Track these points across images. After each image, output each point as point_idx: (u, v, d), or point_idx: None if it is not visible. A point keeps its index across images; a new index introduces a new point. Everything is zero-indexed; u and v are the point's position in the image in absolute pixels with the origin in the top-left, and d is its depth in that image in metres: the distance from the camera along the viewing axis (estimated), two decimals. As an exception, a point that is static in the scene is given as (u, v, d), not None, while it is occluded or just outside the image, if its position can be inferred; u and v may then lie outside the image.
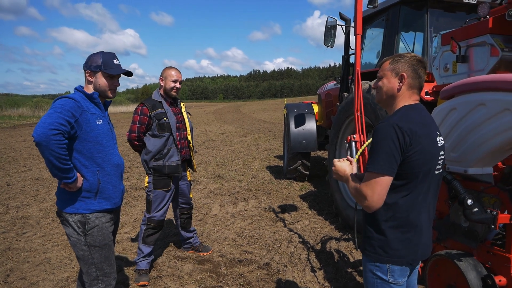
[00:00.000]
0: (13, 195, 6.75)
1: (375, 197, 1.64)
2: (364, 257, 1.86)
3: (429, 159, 1.70)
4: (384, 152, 1.63)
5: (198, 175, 8.21)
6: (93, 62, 2.38)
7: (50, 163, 2.09)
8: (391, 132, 1.64)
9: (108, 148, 2.42)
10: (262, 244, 4.42)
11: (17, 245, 4.51)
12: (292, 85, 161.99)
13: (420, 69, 1.78)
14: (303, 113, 7.49)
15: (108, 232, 2.43)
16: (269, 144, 13.16)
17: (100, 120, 2.38)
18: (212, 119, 27.72)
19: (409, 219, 1.72)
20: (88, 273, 2.39)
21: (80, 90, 2.39)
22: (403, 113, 1.74)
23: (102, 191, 2.36)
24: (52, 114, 2.10)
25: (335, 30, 6.20)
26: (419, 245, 1.77)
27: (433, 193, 1.82)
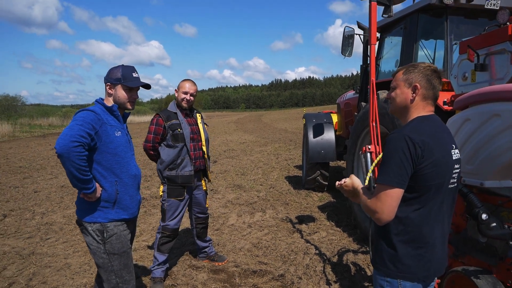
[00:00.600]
0: (39, 202, 6.96)
1: (385, 209, 1.60)
2: (375, 271, 1.82)
3: (442, 172, 1.65)
4: (394, 164, 1.60)
5: (217, 184, 8.26)
6: (113, 75, 2.46)
7: (70, 174, 2.16)
8: (402, 143, 1.61)
9: (126, 159, 2.48)
10: (277, 255, 4.39)
11: (41, 250, 4.65)
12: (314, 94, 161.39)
13: (434, 79, 1.74)
14: (322, 122, 7.45)
15: (126, 240, 2.49)
16: (289, 153, 13.12)
17: (119, 132, 2.45)
18: (233, 129, 27.89)
19: (421, 234, 1.68)
20: (108, 280, 2.44)
21: (101, 103, 2.47)
22: (416, 124, 1.70)
23: (119, 201, 2.43)
24: (74, 127, 2.18)
25: (353, 39, 6.19)
26: (432, 261, 1.71)
27: (447, 207, 1.76)
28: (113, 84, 2.46)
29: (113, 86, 2.46)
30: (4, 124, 24.74)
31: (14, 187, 8.24)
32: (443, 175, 1.66)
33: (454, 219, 2.66)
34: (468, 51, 3.15)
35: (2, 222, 5.78)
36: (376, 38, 3.88)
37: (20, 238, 5.05)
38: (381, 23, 6.01)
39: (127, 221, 2.52)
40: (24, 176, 9.59)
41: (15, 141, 19.65)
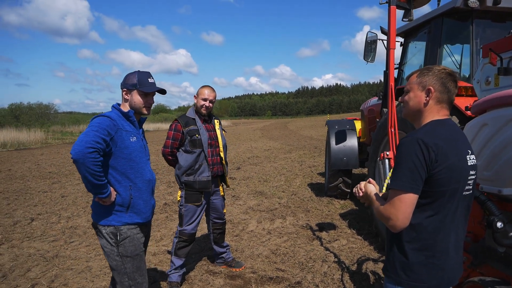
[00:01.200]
0: (65, 206, 7.19)
1: (399, 215, 1.56)
2: (386, 279, 1.77)
3: (457, 177, 1.60)
4: (407, 169, 1.56)
5: (239, 191, 8.28)
6: (129, 81, 2.51)
7: (85, 179, 2.20)
8: (415, 147, 1.57)
9: (141, 164, 2.51)
10: (295, 262, 4.35)
11: (64, 253, 4.78)
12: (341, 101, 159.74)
13: (449, 82, 1.69)
14: (344, 129, 7.36)
15: (140, 243, 2.52)
16: (313, 161, 13.01)
17: (134, 137, 2.49)
18: (258, 136, 27.94)
19: (435, 242, 1.63)
20: (121, 282, 2.48)
21: (117, 108, 2.52)
22: (430, 128, 1.66)
23: (133, 206, 2.46)
24: (89, 133, 2.22)
25: (375, 45, 6.10)
26: (445, 270, 1.65)
27: (462, 215, 1.70)
28: (129, 90, 2.50)
29: (129, 92, 2.51)
30: (38, 131, 25.79)
31: (43, 192, 8.55)
32: (458, 180, 1.61)
33: (472, 228, 2.56)
34: (490, 55, 3.04)
35: (29, 225, 6.00)
36: (395, 43, 3.82)
37: (45, 241, 5.22)
38: (404, 28, 5.91)
39: (141, 225, 2.54)
40: (53, 181, 9.93)
41: (47, 148, 20.43)
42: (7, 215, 6.65)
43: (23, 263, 4.45)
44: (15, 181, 10.02)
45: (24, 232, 5.65)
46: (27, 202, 7.63)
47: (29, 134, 24.34)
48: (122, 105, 2.56)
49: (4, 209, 7.09)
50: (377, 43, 6.12)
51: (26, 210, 6.93)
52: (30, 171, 11.72)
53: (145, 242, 2.70)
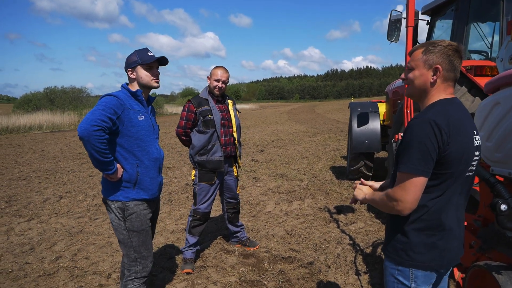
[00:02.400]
0: (92, 185, 7.47)
1: (409, 198, 1.52)
2: (386, 260, 1.75)
3: (465, 158, 1.56)
4: (418, 151, 1.50)
5: (260, 173, 8.33)
6: (131, 60, 2.56)
7: (91, 156, 2.27)
8: (427, 128, 1.50)
9: (148, 143, 2.57)
10: (310, 243, 4.36)
11: (88, 229, 5.00)
12: (371, 84, 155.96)
13: (456, 59, 1.61)
14: (367, 112, 7.22)
15: (146, 219, 2.60)
16: (338, 144, 12.87)
17: (142, 116, 2.53)
18: (285, 119, 27.82)
19: (439, 222, 1.60)
20: (127, 255, 2.58)
21: (125, 87, 2.57)
22: (440, 107, 1.59)
23: (140, 183, 2.53)
24: (96, 111, 2.27)
25: (400, 24, 5.89)
26: (446, 250, 1.63)
27: (463, 195, 1.67)
28: (133, 68, 2.54)
29: (134, 70, 2.54)
30: (71, 114, 26.65)
31: (72, 171, 8.91)
32: (466, 162, 1.57)
33: (482, 211, 2.48)
34: (514, 31, 2.89)
35: (57, 202, 6.28)
36: (413, 20, 3.67)
37: (72, 218, 5.46)
38: (431, 5, 5.67)
39: (148, 201, 2.62)
40: (82, 161, 10.31)
41: (80, 129, 21.10)
42: (38, 192, 6.98)
43: (50, 237, 4.69)
44: (47, 161, 10.47)
45: (52, 208, 5.93)
46: (57, 181, 7.97)
47: (63, 117, 25.21)
48: (130, 86, 2.61)
49: (36, 187, 7.45)
50: (401, 22, 5.90)
51: (56, 188, 7.26)
52: (62, 152, 12.20)
53: (154, 217, 2.79)
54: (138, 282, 2.62)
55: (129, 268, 2.60)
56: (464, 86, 4.24)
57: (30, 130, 20.93)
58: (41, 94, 37.62)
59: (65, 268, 3.83)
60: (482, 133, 2.31)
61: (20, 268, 3.86)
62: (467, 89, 4.22)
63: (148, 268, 2.66)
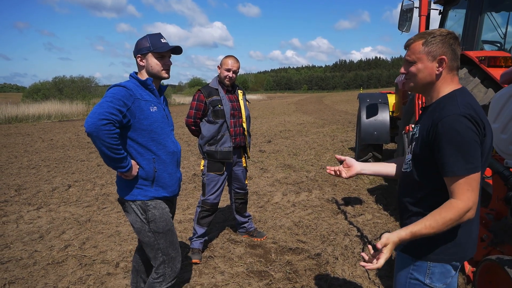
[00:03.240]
0: (100, 175, 7.51)
1: (477, 198, 1.45)
2: (402, 254, 1.66)
3: (490, 149, 1.53)
4: (471, 148, 1.42)
5: (268, 163, 8.31)
6: (142, 45, 2.34)
7: (102, 153, 2.09)
8: (467, 124, 1.42)
9: (163, 135, 2.37)
10: (317, 234, 4.35)
11: (96, 218, 5.03)
12: (380, 75, 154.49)
13: (457, 48, 1.55)
14: (376, 103, 7.15)
15: (169, 217, 2.43)
16: (346, 135, 12.79)
17: (155, 107, 2.33)
18: (292, 110, 27.69)
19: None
20: (155, 257, 2.41)
21: (134, 77, 2.37)
22: (462, 100, 1.50)
23: (158, 180, 2.35)
24: (103, 104, 2.08)
25: (411, 14, 5.77)
26: (467, 244, 1.59)
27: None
28: (143, 55, 2.34)
29: (144, 57, 2.34)
30: (79, 104, 26.80)
31: (80, 161, 8.97)
32: (489, 152, 1.54)
33: (495, 205, 2.44)
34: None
35: (66, 191, 6.33)
36: (426, 9, 3.59)
37: (80, 206, 5.50)
38: (445, -6, 5.55)
39: (168, 199, 2.46)
40: (90, 151, 10.37)
41: (88, 119, 21.22)
42: (47, 181, 7.04)
43: (58, 226, 4.73)
44: (56, 150, 10.55)
45: (61, 197, 5.98)
46: (65, 170, 8.03)
47: (72, 106, 25.34)
48: (139, 74, 2.41)
49: (45, 175, 7.51)
50: (413, 12, 5.79)
51: (64, 177, 7.31)
52: (70, 141, 12.28)
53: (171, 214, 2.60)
54: (167, 285, 2.45)
55: (156, 270, 2.43)
56: (477, 77, 4.15)
57: (39, 119, 21.09)
58: (50, 84, 37.84)
59: (73, 256, 3.86)
60: (496, 125, 2.25)
61: (29, 256, 3.90)
62: (480, 80, 4.14)
63: (177, 269, 2.48)
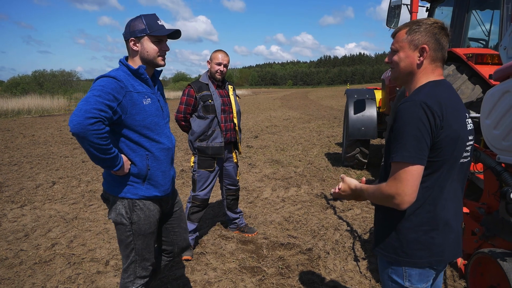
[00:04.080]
0: (85, 171, 7.38)
1: (407, 190, 1.37)
2: (379, 258, 1.64)
3: (459, 144, 1.46)
4: (412, 137, 1.37)
5: (256, 159, 8.30)
6: (136, 27, 2.06)
7: (90, 154, 1.89)
8: (419, 112, 1.37)
9: (157, 131, 2.16)
10: (307, 229, 4.37)
11: (83, 215, 4.94)
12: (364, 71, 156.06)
13: (443, 37, 1.51)
14: (364, 98, 7.20)
15: (155, 221, 2.24)
16: (332, 131, 12.87)
17: (148, 99, 2.10)
18: (278, 105, 27.73)
19: (433, 215, 1.48)
20: (127, 256, 2.23)
21: (125, 64, 2.10)
22: (430, 90, 1.47)
23: (150, 178, 2.15)
24: (90, 99, 1.84)
25: (399, 10, 5.83)
26: (444, 245, 1.51)
27: (459, 183, 1.56)
28: (138, 38, 2.06)
29: (138, 40, 2.07)
30: (61, 98, 26.28)
31: (64, 157, 8.79)
32: (459, 148, 1.47)
33: (486, 199, 2.48)
34: (520, 18, 2.85)
35: (51, 188, 6.20)
36: (418, 6, 3.62)
37: (66, 204, 5.39)
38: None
39: (159, 199, 2.25)
40: (74, 147, 10.17)
41: (69, 115, 20.67)
42: (30, 178, 6.88)
43: (44, 224, 4.63)
44: (38, 146, 10.31)
45: (46, 194, 5.85)
46: (49, 166, 7.86)
47: (53, 101, 24.81)
48: (130, 60, 2.14)
49: (28, 172, 7.33)
50: (401, 8, 5.84)
51: (48, 174, 7.16)
52: (53, 137, 12.02)
53: (180, 208, 2.49)
54: (139, 283, 2.27)
55: (126, 269, 2.25)
56: (465, 74, 4.22)
57: (19, 114, 20.57)
58: (30, 78, 37.05)
59: (61, 255, 3.78)
60: (489, 121, 2.29)
61: (15, 255, 3.80)
62: (468, 77, 4.20)
63: (149, 270, 2.30)
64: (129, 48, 2.12)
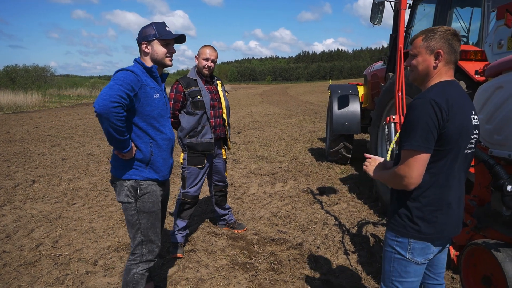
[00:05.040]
0: (66, 169, 7.19)
1: (414, 174, 1.61)
2: (387, 231, 1.85)
3: (462, 137, 1.65)
4: (421, 129, 1.59)
5: (240, 155, 8.28)
6: (148, 32, 2.43)
7: (108, 133, 2.17)
8: (428, 108, 1.59)
9: (162, 122, 2.49)
10: (296, 224, 4.39)
11: (67, 214, 4.82)
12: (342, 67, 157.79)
13: (455, 43, 1.71)
14: (347, 94, 7.26)
15: (158, 201, 2.52)
16: (313, 126, 12.97)
17: (157, 94, 2.44)
18: (258, 101, 27.73)
19: (440, 198, 1.70)
20: (134, 237, 2.47)
21: (140, 62, 2.44)
22: (440, 88, 1.68)
23: (153, 163, 2.44)
24: (114, 86, 2.15)
25: (383, 7, 5.89)
26: (446, 225, 1.73)
27: (463, 172, 1.77)
28: (149, 42, 2.43)
29: (149, 44, 2.43)
30: (35, 94, 25.47)
31: (42, 155, 8.54)
32: (463, 140, 1.67)
33: (477, 192, 2.55)
34: (506, 16, 2.93)
35: (31, 187, 6.01)
36: (406, 3, 3.66)
37: (48, 203, 5.24)
38: (415, -11, 5.69)
39: (159, 183, 2.54)
40: (52, 144, 9.90)
41: (45, 111, 20.26)
42: (8, 177, 6.65)
43: (26, 224, 4.49)
44: (14, 144, 9.98)
45: (26, 194, 5.67)
46: (27, 164, 7.62)
47: (26, 97, 23.98)
48: (143, 60, 2.49)
49: (5, 171, 7.09)
50: (384, 5, 5.90)
51: (27, 173, 6.94)
52: (29, 134, 11.66)
53: (165, 201, 2.73)
54: (144, 267, 2.50)
55: (133, 251, 2.49)
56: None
57: (-9, 111, 19.87)
58: (1, 73, 35.75)
59: (47, 256, 3.68)
60: (481, 115, 2.35)
61: (-2, 256, 3.67)
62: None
63: (155, 253, 2.55)
64: (141, 50, 2.48)
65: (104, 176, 6.64)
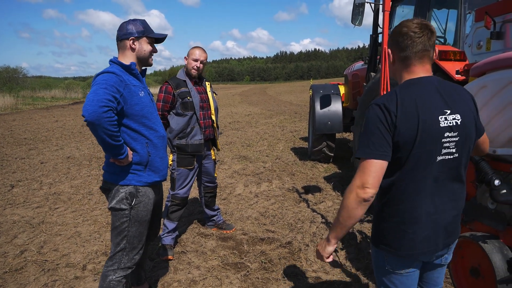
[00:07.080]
0: (46, 173, 7.03)
1: (370, 180, 1.46)
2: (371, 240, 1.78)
3: (424, 141, 1.48)
4: (372, 135, 1.49)
5: (223, 155, 8.28)
6: (136, 28, 2.32)
7: (102, 141, 2.06)
8: (377, 111, 1.50)
9: (153, 120, 2.40)
10: (284, 223, 4.44)
11: (50, 219, 4.72)
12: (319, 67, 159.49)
13: (400, 38, 1.58)
14: (329, 94, 7.37)
15: (151, 209, 2.45)
16: (294, 125, 13.08)
17: (142, 92, 2.34)
18: (238, 101, 27.73)
19: (404, 209, 1.56)
20: (117, 244, 2.35)
21: (116, 62, 2.30)
22: (398, 89, 1.56)
23: (151, 164, 2.37)
24: (98, 91, 2.03)
25: (363, 8, 6.00)
26: (415, 241, 1.56)
27: (443, 182, 1.56)
28: (137, 38, 2.31)
29: (137, 40, 2.32)
30: (6, 97, 24.67)
31: (20, 158, 8.31)
32: (425, 145, 1.48)
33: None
34: (485, 18, 3.05)
35: (10, 192, 5.85)
36: (390, 4, 3.76)
37: (29, 208, 5.11)
38: (393, -9, 5.82)
39: (158, 184, 2.49)
40: (29, 147, 9.64)
41: (18, 114, 19.66)
42: (-15, 182, 6.45)
43: (8, 230, 4.37)
44: (-11, 148, 9.67)
45: (5, 199, 5.52)
46: (4, 169, 7.40)
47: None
48: (121, 58, 2.36)
49: (-19, 176, 6.87)
50: (365, 6, 6.01)
51: (5, 177, 6.74)
52: (4, 138, 11.31)
53: (159, 203, 2.65)
54: (121, 274, 2.37)
55: (112, 256, 2.37)
56: (430, 69, 4.44)
57: (-38, 114, 19.15)
58: (-30, 74, 34.41)
59: (33, 262, 3.59)
60: (465, 114, 2.45)
61: (-19, 264, 3.57)
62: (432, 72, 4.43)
63: (134, 260, 2.43)
64: (125, 46, 2.33)
65: (86, 179, 6.52)
